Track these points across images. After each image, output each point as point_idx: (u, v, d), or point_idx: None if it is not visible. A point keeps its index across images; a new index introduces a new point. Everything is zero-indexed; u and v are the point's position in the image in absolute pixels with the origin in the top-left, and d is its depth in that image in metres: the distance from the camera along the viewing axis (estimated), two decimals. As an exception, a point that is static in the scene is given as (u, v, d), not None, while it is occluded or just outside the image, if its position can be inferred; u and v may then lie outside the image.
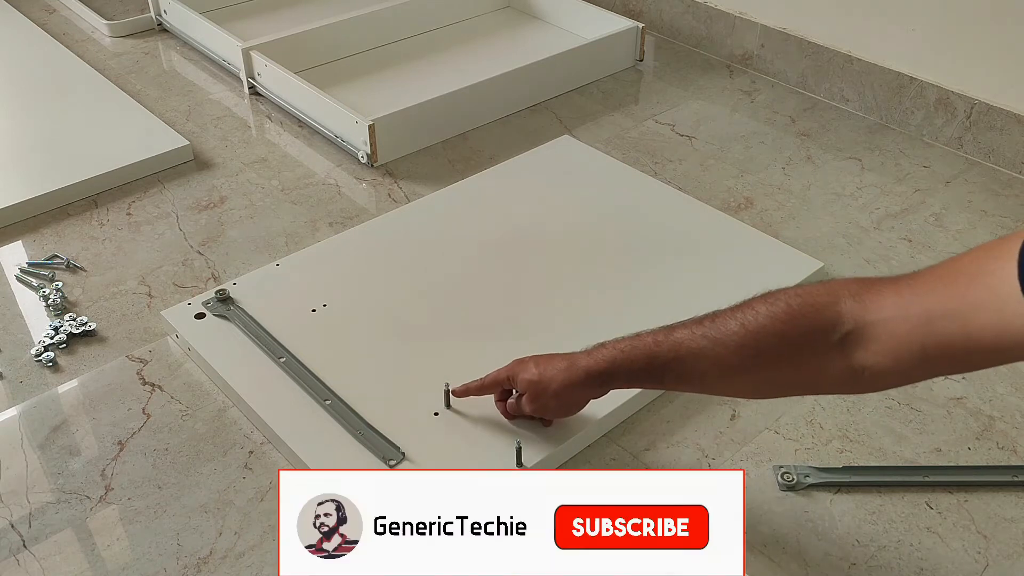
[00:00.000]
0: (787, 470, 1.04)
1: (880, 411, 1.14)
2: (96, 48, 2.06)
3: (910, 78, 1.71)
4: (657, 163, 1.65)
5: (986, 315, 0.65)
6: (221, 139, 1.72)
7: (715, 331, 0.82)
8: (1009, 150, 1.61)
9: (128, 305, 1.32)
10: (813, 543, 0.98)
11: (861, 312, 0.73)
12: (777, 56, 1.92)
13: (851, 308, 0.74)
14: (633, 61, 1.98)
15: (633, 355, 0.89)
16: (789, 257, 1.33)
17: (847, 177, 1.61)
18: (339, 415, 1.08)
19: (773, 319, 0.78)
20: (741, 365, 0.81)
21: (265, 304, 1.25)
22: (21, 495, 1.04)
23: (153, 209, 1.52)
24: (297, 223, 1.48)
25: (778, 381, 0.82)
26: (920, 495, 1.03)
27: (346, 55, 1.96)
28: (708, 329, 0.83)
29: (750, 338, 0.80)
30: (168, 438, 1.11)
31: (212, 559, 0.96)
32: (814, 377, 0.79)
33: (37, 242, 1.45)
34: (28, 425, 1.13)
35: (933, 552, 0.97)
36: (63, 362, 1.22)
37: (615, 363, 0.90)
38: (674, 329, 0.87)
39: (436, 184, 1.56)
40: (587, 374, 0.93)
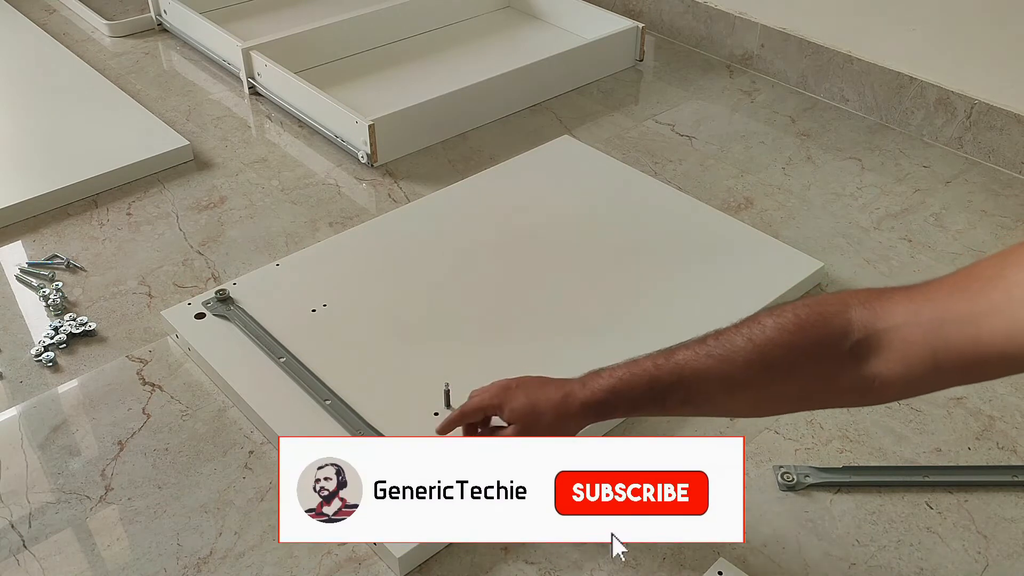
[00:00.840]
0: (787, 470, 1.04)
1: (880, 411, 1.14)
2: (96, 48, 2.06)
3: (910, 78, 1.71)
4: (657, 163, 1.65)
5: (999, 320, 0.63)
6: (221, 139, 1.72)
7: (720, 349, 0.79)
8: (1009, 150, 1.61)
9: (128, 305, 1.32)
10: (813, 543, 0.98)
11: (872, 319, 0.71)
12: (777, 56, 1.92)
13: (861, 316, 0.72)
14: (633, 61, 1.98)
15: (633, 382, 0.85)
16: (789, 257, 1.33)
17: (847, 177, 1.61)
18: (339, 415, 1.08)
19: (781, 331, 0.76)
20: (749, 381, 0.78)
21: (265, 304, 1.25)
22: (21, 495, 1.04)
23: (153, 209, 1.52)
24: (297, 223, 1.48)
25: (788, 395, 0.79)
26: (920, 495, 1.03)
27: (346, 55, 1.96)
28: (712, 348, 0.80)
29: (758, 352, 0.77)
30: (168, 438, 1.11)
31: (212, 559, 0.96)
32: (825, 389, 0.76)
33: (37, 242, 1.45)
34: (28, 425, 1.13)
35: (933, 552, 0.97)
36: (63, 362, 1.22)
37: (614, 392, 0.86)
38: (675, 351, 0.83)
39: (436, 184, 1.56)
40: (584, 406, 0.88)
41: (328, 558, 0.96)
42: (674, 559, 0.96)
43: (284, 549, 0.97)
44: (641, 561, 0.96)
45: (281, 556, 0.97)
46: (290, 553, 0.97)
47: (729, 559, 0.95)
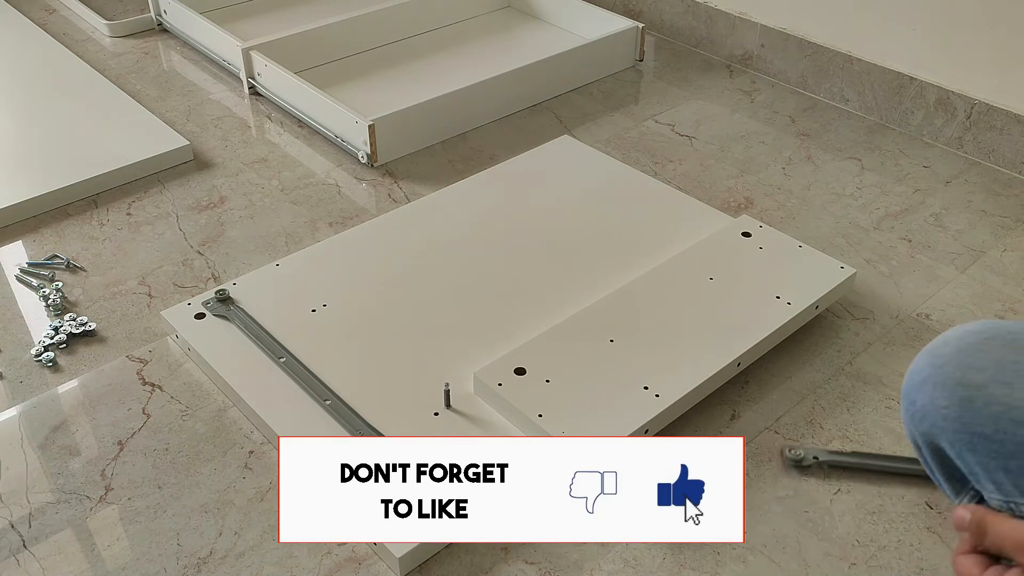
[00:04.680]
0: (795, 447, 1.04)
1: (880, 411, 1.14)
2: (96, 48, 2.06)
3: (910, 78, 1.71)
4: (657, 163, 1.65)
5: None
6: (221, 139, 1.72)
7: None
8: (1009, 150, 1.61)
9: (128, 305, 1.32)
10: (813, 543, 0.98)
11: None
12: (777, 56, 1.92)
13: None
14: (633, 61, 1.98)
15: None
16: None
17: (847, 177, 1.61)
18: (339, 415, 1.08)
19: None
20: None
21: (265, 304, 1.25)
22: (21, 495, 1.04)
23: (153, 209, 1.52)
24: (297, 223, 1.48)
25: None
26: (920, 495, 1.03)
27: (346, 55, 1.96)
28: None
29: None
30: (168, 438, 1.11)
31: (212, 559, 0.96)
32: None
33: (37, 242, 1.45)
34: (28, 425, 1.13)
35: (933, 552, 0.97)
36: (63, 362, 1.22)
37: None
38: None
39: (436, 184, 1.56)
40: None
41: (328, 558, 0.96)
42: (674, 559, 0.96)
43: (284, 549, 0.97)
44: (641, 561, 0.96)
45: (281, 556, 0.97)
46: (290, 553, 0.97)
47: (729, 559, 0.95)
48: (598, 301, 1.22)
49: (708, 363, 1.11)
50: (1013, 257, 1.41)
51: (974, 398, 0.65)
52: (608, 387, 1.08)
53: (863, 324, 1.28)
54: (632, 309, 1.21)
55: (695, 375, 1.10)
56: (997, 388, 0.64)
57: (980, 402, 0.65)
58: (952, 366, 0.67)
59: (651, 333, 1.16)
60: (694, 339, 1.15)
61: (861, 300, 1.32)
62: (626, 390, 1.07)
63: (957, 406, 0.65)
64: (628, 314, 1.19)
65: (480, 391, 1.10)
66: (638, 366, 1.10)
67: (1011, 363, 0.65)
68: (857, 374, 1.20)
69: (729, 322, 1.18)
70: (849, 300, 1.32)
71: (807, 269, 1.27)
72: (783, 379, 1.19)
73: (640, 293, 1.24)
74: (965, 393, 0.65)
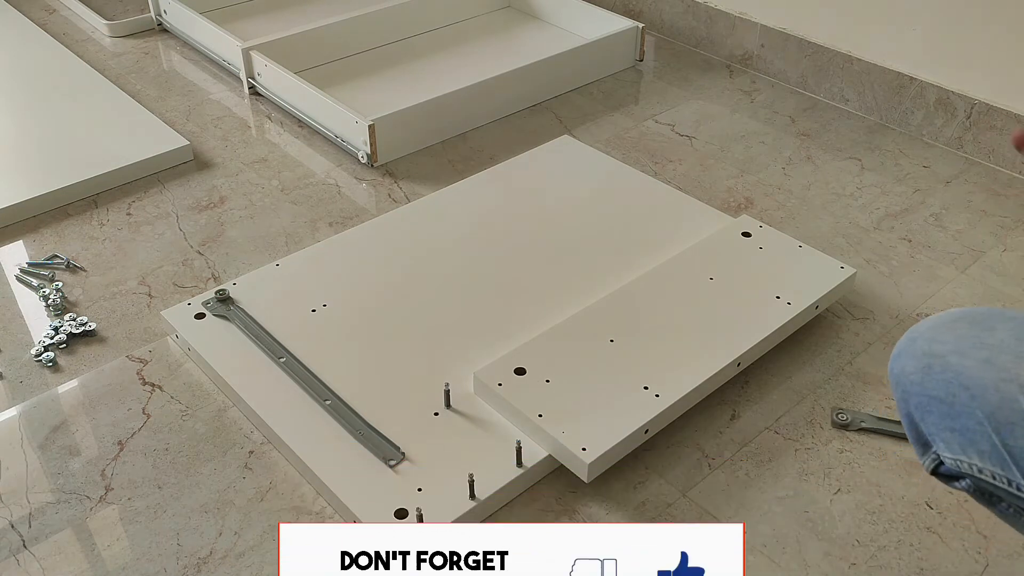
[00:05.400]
0: (842, 411, 1.05)
1: (880, 411, 1.14)
2: (96, 48, 2.06)
3: (910, 78, 1.71)
4: (657, 163, 1.65)
5: None
6: (221, 139, 1.72)
7: None
8: (1009, 150, 1.61)
9: (128, 305, 1.32)
10: (813, 543, 0.98)
11: None
12: (777, 56, 1.92)
13: None
14: (633, 61, 1.98)
15: None
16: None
17: (847, 177, 1.61)
18: (339, 415, 1.08)
19: None
20: None
21: (265, 304, 1.25)
22: (21, 495, 1.04)
23: (153, 209, 1.52)
24: (297, 223, 1.48)
25: None
26: (920, 495, 1.03)
27: (346, 55, 1.96)
28: None
29: None
30: (168, 438, 1.11)
31: (212, 559, 0.96)
32: None
33: (37, 242, 1.45)
34: (28, 425, 1.13)
35: (933, 552, 0.97)
36: (63, 362, 1.22)
37: None
38: None
39: (436, 184, 1.56)
40: None
41: (328, 558, 0.96)
42: None
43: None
44: None
45: (281, 556, 0.97)
46: (290, 553, 0.97)
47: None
48: (598, 301, 1.22)
49: (708, 363, 1.11)
50: (1013, 257, 1.41)
51: (933, 365, 0.71)
52: (608, 387, 1.08)
53: (863, 324, 1.28)
54: (632, 309, 1.21)
55: (695, 375, 1.10)
56: (954, 358, 0.70)
57: (937, 368, 0.71)
58: (924, 339, 0.74)
59: (651, 333, 1.16)
60: (694, 339, 1.15)
61: (861, 300, 1.32)
62: (626, 390, 1.07)
63: (920, 372, 0.72)
64: (628, 314, 1.19)
65: (480, 391, 1.10)
66: (638, 366, 1.11)
67: (971, 337, 0.71)
68: (857, 374, 1.20)
69: (729, 322, 1.18)
70: (849, 300, 1.32)
71: (807, 269, 1.27)
72: (783, 379, 1.19)
73: (640, 293, 1.23)
74: (928, 361, 0.72)
